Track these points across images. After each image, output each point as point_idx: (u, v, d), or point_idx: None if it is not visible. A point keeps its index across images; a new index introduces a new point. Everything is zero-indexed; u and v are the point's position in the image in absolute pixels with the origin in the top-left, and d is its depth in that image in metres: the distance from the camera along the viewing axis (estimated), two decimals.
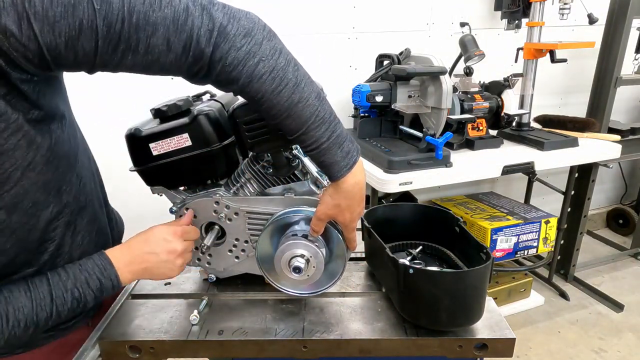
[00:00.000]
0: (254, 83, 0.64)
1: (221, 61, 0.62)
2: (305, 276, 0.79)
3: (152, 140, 0.80)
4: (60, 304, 0.67)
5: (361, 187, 0.76)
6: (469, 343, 0.79)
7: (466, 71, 2.00)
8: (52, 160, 0.64)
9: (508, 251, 1.98)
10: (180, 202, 0.86)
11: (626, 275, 2.59)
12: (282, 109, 0.66)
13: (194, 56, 0.60)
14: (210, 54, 0.61)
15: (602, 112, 2.23)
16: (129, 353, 0.80)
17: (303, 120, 0.68)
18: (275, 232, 0.82)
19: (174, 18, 0.58)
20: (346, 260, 0.83)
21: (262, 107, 0.67)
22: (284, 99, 0.66)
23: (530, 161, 1.83)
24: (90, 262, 0.71)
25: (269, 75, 0.64)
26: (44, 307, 0.66)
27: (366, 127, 1.92)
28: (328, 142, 0.70)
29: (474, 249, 0.85)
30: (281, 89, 0.65)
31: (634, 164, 3.11)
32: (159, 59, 0.59)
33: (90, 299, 0.70)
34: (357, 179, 0.74)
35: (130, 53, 0.57)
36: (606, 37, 2.16)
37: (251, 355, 0.81)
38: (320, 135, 0.69)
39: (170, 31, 0.58)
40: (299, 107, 0.67)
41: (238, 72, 0.63)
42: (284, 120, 0.68)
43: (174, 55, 0.60)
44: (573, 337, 2.11)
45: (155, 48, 0.58)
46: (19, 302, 0.64)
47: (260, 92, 0.65)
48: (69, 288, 0.68)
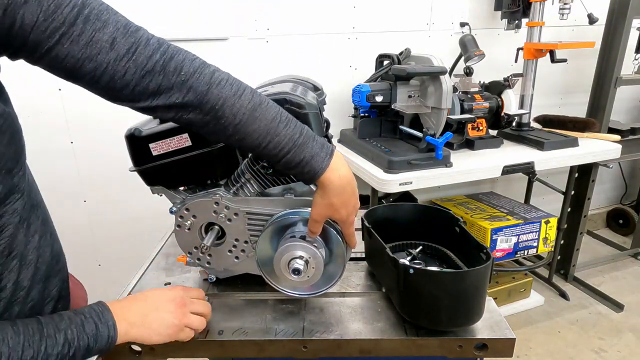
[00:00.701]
0: (213, 89, 0.62)
1: (177, 70, 0.59)
2: (305, 277, 0.79)
3: (152, 140, 0.80)
4: (51, 344, 0.58)
5: (349, 180, 0.74)
6: (469, 343, 0.79)
7: (466, 71, 2.00)
8: (3, 130, 0.56)
9: (508, 251, 1.98)
10: (180, 202, 0.86)
11: (626, 275, 2.59)
12: (247, 112, 0.64)
13: (135, 61, 0.57)
14: (161, 60, 0.59)
15: (602, 112, 2.23)
16: (129, 353, 0.80)
17: (270, 119, 0.65)
18: (275, 233, 0.82)
19: (126, 24, 0.57)
20: (346, 260, 0.83)
21: (224, 117, 0.63)
22: (246, 101, 0.64)
23: (530, 161, 1.83)
24: (86, 308, 0.65)
25: (226, 82, 0.63)
26: (32, 344, 0.57)
27: (366, 127, 1.92)
28: (302, 137, 0.68)
29: (474, 249, 0.85)
30: (241, 92, 0.64)
31: (634, 164, 3.10)
32: (97, 56, 0.55)
33: (83, 345, 0.61)
34: (341, 172, 0.72)
35: (68, 41, 0.53)
36: (606, 37, 2.16)
37: (251, 355, 0.81)
38: (292, 132, 0.67)
39: (119, 32, 0.56)
40: (262, 107, 0.65)
41: (195, 79, 0.60)
42: (250, 125, 0.64)
43: (115, 54, 0.56)
44: (573, 337, 2.11)
45: (98, 43, 0.54)
46: (4, 332, 0.56)
47: (221, 98, 0.62)
48: (62, 328, 0.60)
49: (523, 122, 2.12)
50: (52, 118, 1.76)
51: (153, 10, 1.72)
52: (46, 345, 0.58)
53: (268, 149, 0.67)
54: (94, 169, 1.87)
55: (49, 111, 1.75)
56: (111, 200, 1.94)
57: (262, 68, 1.95)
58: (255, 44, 1.93)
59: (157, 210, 1.36)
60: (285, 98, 0.76)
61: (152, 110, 0.63)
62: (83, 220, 1.94)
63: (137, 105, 0.62)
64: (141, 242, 2.00)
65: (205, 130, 0.66)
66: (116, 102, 0.62)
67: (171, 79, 0.60)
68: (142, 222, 1.98)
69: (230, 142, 0.68)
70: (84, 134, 1.82)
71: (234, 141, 0.67)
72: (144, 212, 1.96)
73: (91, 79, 0.57)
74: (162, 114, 0.63)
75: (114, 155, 1.83)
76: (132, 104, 0.62)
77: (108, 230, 1.98)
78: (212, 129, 0.65)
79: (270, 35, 1.93)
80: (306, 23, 1.97)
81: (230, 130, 0.65)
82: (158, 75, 0.59)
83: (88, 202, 1.92)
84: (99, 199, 1.93)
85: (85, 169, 1.87)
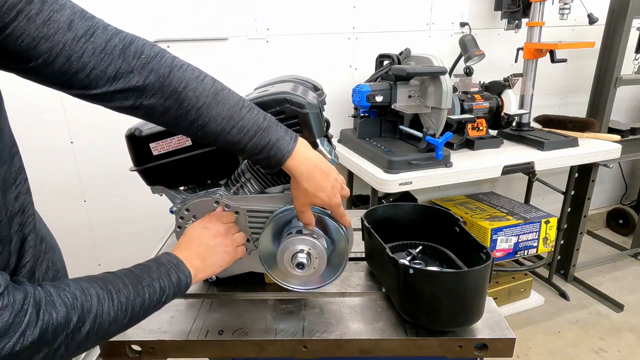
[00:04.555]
0: (175, 72, 0.60)
1: (137, 53, 0.58)
2: (312, 269, 0.79)
3: (153, 140, 0.80)
4: (152, 292, 0.63)
5: (315, 162, 0.73)
6: (469, 343, 0.79)
7: (466, 71, 2.00)
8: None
9: (508, 251, 1.98)
10: (180, 202, 0.86)
11: (626, 275, 2.59)
12: (209, 95, 0.63)
13: (94, 43, 0.55)
14: (120, 44, 0.57)
15: (602, 112, 2.23)
16: (129, 353, 0.80)
17: (233, 104, 0.65)
18: (276, 230, 0.83)
19: (83, 10, 0.56)
20: (349, 244, 0.82)
21: (186, 99, 0.61)
22: (209, 85, 0.63)
23: (530, 161, 1.83)
24: (163, 259, 0.69)
25: (188, 67, 0.63)
26: (140, 292, 0.61)
27: (366, 127, 1.92)
28: (266, 121, 0.68)
29: (474, 249, 0.85)
30: (203, 77, 0.64)
31: (634, 164, 3.10)
32: (54, 36, 0.53)
33: (170, 293, 0.66)
34: (306, 155, 0.72)
35: (25, 18, 0.51)
36: (606, 37, 2.16)
37: (251, 355, 0.81)
38: (256, 116, 0.67)
39: (77, 15, 0.55)
40: (225, 92, 0.65)
41: (157, 62, 0.59)
42: (213, 108, 0.63)
43: (73, 35, 0.54)
44: (573, 337, 2.11)
45: (55, 23, 0.53)
46: (115, 284, 0.59)
47: (183, 80, 0.61)
48: (155, 277, 0.64)
49: (523, 122, 2.12)
50: (52, 118, 1.76)
51: (153, 10, 1.72)
52: (149, 293, 0.62)
53: (232, 134, 0.66)
54: (94, 169, 1.87)
55: (49, 111, 1.75)
56: (111, 200, 1.94)
57: (262, 68, 1.95)
58: (255, 44, 1.93)
59: (157, 210, 1.36)
60: (286, 98, 0.76)
61: (108, 98, 0.59)
62: (83, 220, 1.94)
63: (91, 92, 0.58)
64: (141, 242, 2.00)
65: (166, 118, 0.63)
66: (67, 91, 0.58)
67: (131, 63, 0.58)
68: (142, 222, 1.98)
69: (192, 130, 0.65)
70: (84, 134, 1.82)
71: (196, 128, 0.65)
72: (144, 212, 1.96)
73: (45, 61, 0.54)
74: (119, 101, 0.60)
75: (114, 155, 1.83)
76: (85, 91, 0.58)
77: (108, 230, 1.98)
78: (174, 114, 0.63)
79: (270, 35, 1.93)
80: (306, 23, 1.98)
81: (193, 114, 0.63)
82: (117, 58, 0.57)
83: (88, 202, 1.92)
84: (99, 199, 1.93)
85: (85, 169, 1.87)
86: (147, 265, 0.66)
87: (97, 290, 0.56)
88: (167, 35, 1.76)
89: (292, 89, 0.79)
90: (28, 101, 1.71)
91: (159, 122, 0.65)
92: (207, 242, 0.76)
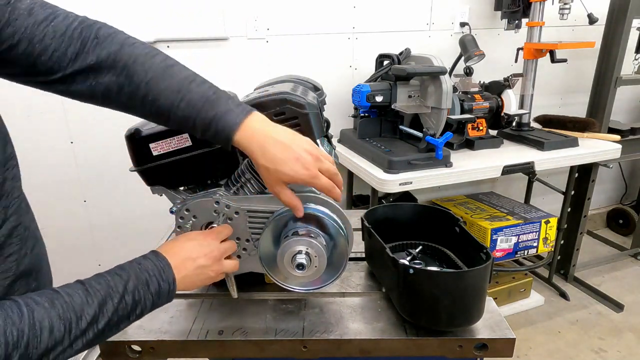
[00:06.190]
0: (125, 48, 0.63)
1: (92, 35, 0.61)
2: (313, 268, 0.78)
3: (152, 140, 0.80)
4: (123, 307, 0.59)
5: (271, 135, 0.66)
6: (469, 343, 0.79)
7: (466, 71, 2.00)
8: None
9: (508, 251, 1.98)
10: (180, 202, 0.86)
11: (626, 275, 2.59)
12: (158, 69, 0.63)
13: (55, 27, 0.58)
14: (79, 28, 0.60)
15: (602, 112, 2.23)
16: (129, 353, 0.80)
17: (182, 77, 0.65)
18: (276, 230, 0.82)
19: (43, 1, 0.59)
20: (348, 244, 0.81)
21: (135, 73, 0.62)
22: (159, 60, 0.64)
23: (530, 161, 1.83)
24: (149, 263, 0.64)
25: (140, 44, 0.65)
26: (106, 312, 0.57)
27: (366, 127, 1.92)
28: (215, 94, 0.65)
29: (474, 249, 0.85)
30: (154, 53, 0.65)
31: (634, 164, 3.11)
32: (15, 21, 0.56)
33: (149, 305, 0.62)
34: (256, 129, 0.66)
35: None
36: (606, 37, 2.16)
37: (251, 355, 0.81)
38: (206, 90, 0.65)
39: (37, 4, 0.58)
40: (176, 68, 0.65)
41: (110, 41, 0.62)
42: (162, 82, 0.63)
43: (34, 20, 0.57)
44: (573, 337, 2.11)
45: (16, 10, 0.56)
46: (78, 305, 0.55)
47: (132, 55, 0.63)
48: (130, 290, 0.60)
49: (523, 122, 2.12)
50: (52, 118, 1.76)
51: (153, 10, 1.72)
52: (118, 309, 0.58)
53: (182, 109, 0.64)
54: (94, 169, 1.87)
55: (49, 111, 1.75)
56: (111, 200, 1.94)
57: (262, 68, 1.95)
58: (255, 44, 1.93)
59: (157, 210, 1.36)
60: (286, 98, 0.76)
61: (70, 80, 0.61)
62: (83, 220, 1.94)
63: (55, 77, 0.60)
64: (141, 242, 1.99)
65: (121, 97, 0.64)
66: (35, 79, 0.61)
67: (87, 44, 0.61)
68: (142, 222, 1.98)
69: (146, 107, 0.65)
70: (84, 134, 1.82)
71: (149, 104, 0.64)
72: (144, 212, 1.96)
73: (9, 47, 0.56)
74: (80, 83, 0.62)
75: (114, 156, 1.83)
76: (49, 77, 0.60)
77: (108, 230, 1.98)
78: (127, 91, 0.63)
79: (270, 35, 1.93)
80: (306, 23, 1.98)
81: (142, 89, 0.63)
82: (77, 41, 0.60)
83: (88, 202, 1.92)
84: (99, 199, 1.93)
85: (85, 169, 1.87)
86: (126, 271, 0.62)
87: (53, 322, 0.52)
88: (167, 35, 1.76)
89: (292, 89, 0.79)
90: (28, 101, 1.71)
91: (117, 104, 0.66)
92: (198, 260, 0.70)
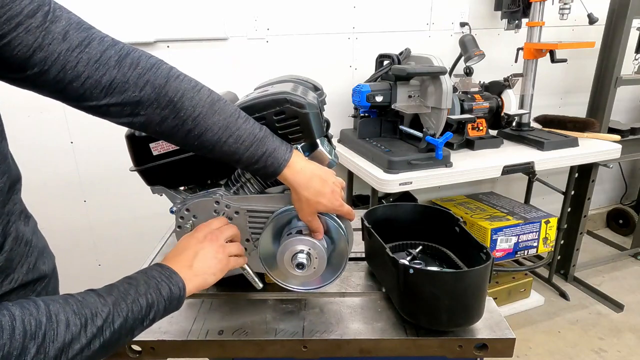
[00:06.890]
0: (171, 82, 0.61)
1: (132, 64, 0.58)
2: (312, 269, 0.79)
3: (153, 140, 0.80)
4: (137, 310, 0.57)
5: (312, 170, 0.74)
6: (469, 343, 0.79)
7: (466, 71, 2.00)
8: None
9: (508, 251, 1.98)
10: (180, 202, 0.86)
11: (626, 275, 2.59)
12: (206, 104, 0.63)
13: (89, 53, 0.55)
14: (116, 56, 0.57)
15: (602, 112, 2.23)
16: (129, 353, 0.80)
17: (229, 114, 0.66)
18: (276, 229, 0.82)
19: (80, 22, 0.56)
20: (348, 244, 0.82)
21: (183, 109, 0.62)
22: (205, 95, 0.64)
23: (530, 161, 1.83)
24: (153, 271, 0.63)
25: (184, 77, 0.63)
26: (120, 312, 0.55)
27: (366, 127, 1.92)
28: (262, 131, 0.69)
29: (474, 249, 0.85)
30: (200, 87, 0.64)
31: (634, 164, 3.11)
32: (49, 46, 0.53)
33: (162, 308, 0.60)
34: (301, 165, 0.73)
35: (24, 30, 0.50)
36: (606, 37, 2.16)
37: (251, 355, 0.81)
38: (252, 127, 0.68)
39: (72, 27, 0.54)
40: (221, 103, 0.66)
41: (153, 73, 0.59)
42: (210, 117, 0.64)
43: (68, 45, 0.54)
44: (573, 337, 2.11)
45: (50, 34, 0.52)
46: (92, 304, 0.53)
47: (180, 90, 0.61)
48: (142, 293, 0.58)
49: (523, 122, 2.12)
50: (52, 118, 1.76)
51: (153, 10, 1.72)
52: (132, 311, 0.56)
53: (229, 144, 0.66)
54: (94, 169, 1.87)
55: (49, 111, 1.75)
56: (111, 200, 1.94)
57: (262, 68, 1.95)
58: (255, 44, 1.93)
59: (157, 210, 1.36)
60: (286, 98, 0.76)
61: (104, 111, 0.59)
62: (83, 220, 1.94)
63: (87, 104, 0.58)
64: (141, 242, 2.00)
65: (163, 128, 0.63)
66: (65, 101, 0.59)
67: (127, 73, 0.58)
68: (142, 222, 1.98)
69: (189, 140, 0.65)
70: (84, 134, 1.82)
71: (193, 138, 0.65)
72: (144, 212, 1.96)
73: (40, 70, 0.54)
74: (116, 115, 0.60)
75: (114, 155, 1.83)
76: (81, 103, 0.58)
77: (108, 230, 1.98)
78: (170, 124, 0.63)
79: (270, 35, 1.93)
80: (306, 23, 1.97)
81: (189, 124, 0.63)
82: (113, 68, 0.57)
83: (88, 202, 1.92)
84: (99, 199, 1.93)
85: (85, 169, 1.87)
86: (135, 278, 0.61)
87: (68, 316, 0.50)
88: (167, 35, 1.76)
89: (292, 89, 0.80)
90: (28, 101, 1.70)
91: (155, 133, 0.65)
92: (192, 247, 0.70)
